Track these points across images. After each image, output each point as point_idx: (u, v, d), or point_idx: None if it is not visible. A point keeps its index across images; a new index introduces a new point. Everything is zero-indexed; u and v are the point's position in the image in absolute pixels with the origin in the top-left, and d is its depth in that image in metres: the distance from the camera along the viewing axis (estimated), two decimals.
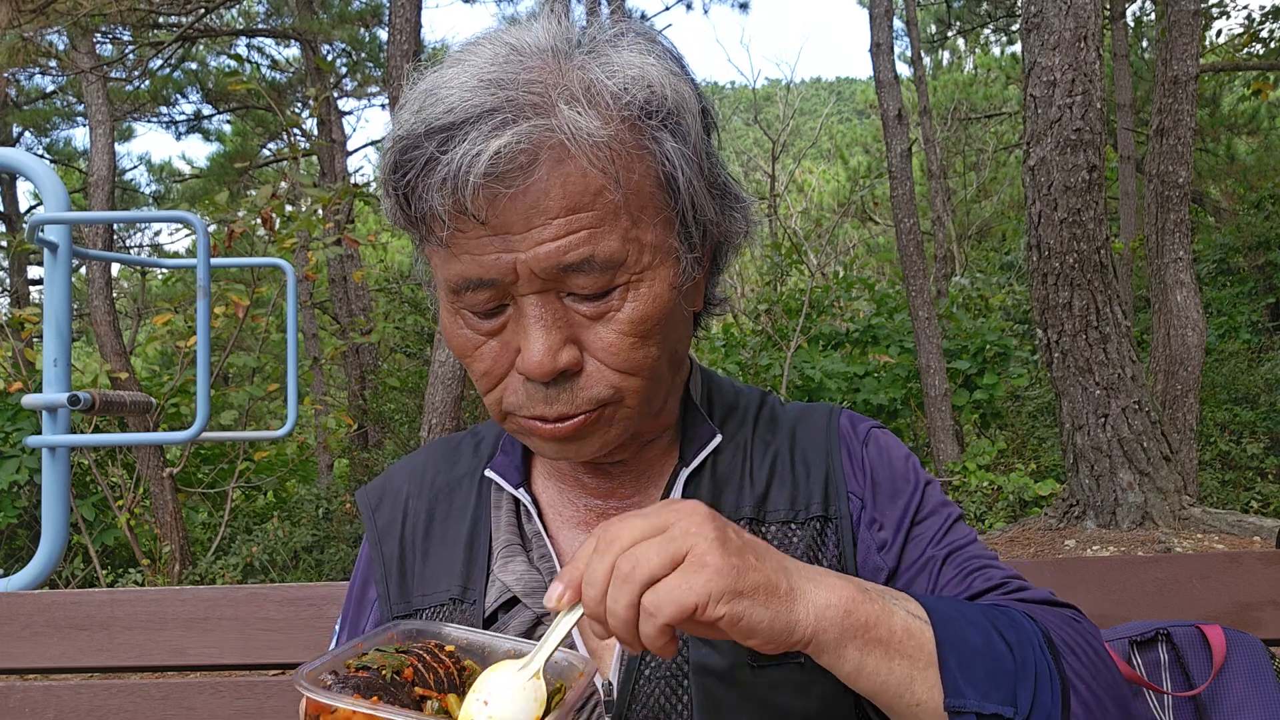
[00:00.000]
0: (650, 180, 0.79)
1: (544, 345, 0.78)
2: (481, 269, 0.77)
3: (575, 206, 0.74)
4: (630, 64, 0.78)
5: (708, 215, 0.84)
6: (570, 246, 0.75)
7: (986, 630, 0.73)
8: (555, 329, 0.78)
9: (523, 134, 0.73)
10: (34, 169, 2.78)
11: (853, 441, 0.96)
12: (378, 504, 1.03)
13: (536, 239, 0.75)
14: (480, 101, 0.74)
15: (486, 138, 0.72)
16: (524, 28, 0.81)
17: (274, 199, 5.81)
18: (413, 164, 0.76)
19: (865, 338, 10.26)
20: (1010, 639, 0.73)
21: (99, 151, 8.90)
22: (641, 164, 0.78)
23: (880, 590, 0.73)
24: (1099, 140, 5.02)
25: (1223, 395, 9.82)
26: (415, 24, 5.94)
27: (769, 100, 21.80)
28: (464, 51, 0.80)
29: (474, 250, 0.77)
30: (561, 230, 0.75)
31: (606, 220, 0.76)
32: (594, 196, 0.75)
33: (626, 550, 0.65)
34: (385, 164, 0.79)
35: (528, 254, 0.75)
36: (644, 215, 0.78)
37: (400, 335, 10.84)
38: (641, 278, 0.79)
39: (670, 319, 0.82)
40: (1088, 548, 4.95)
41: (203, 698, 1.45)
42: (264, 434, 4.36)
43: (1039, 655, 0.73)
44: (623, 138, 0.76)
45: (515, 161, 0.73)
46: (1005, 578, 0.88)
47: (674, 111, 0.79)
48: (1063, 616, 0.82)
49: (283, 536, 7.42)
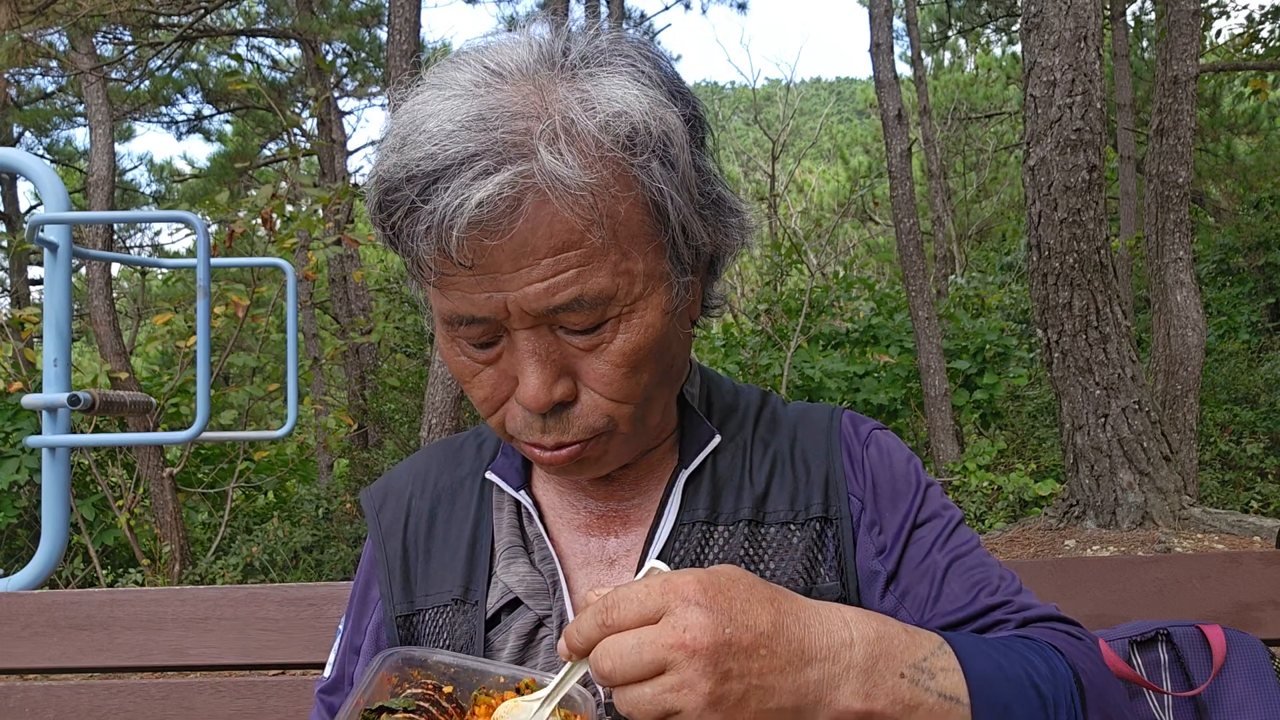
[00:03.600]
0: (639, 210, 0.77)
1: (538, 380, 0.78)
2: (473, 307, 0.76)
3: (562, 246, 0.73)
4: (614, 98, 0.75)
5: (699, 239, 0.83)
6: (558, 287, 0.74)
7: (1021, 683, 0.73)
8: (549, 363, 0.78)
9: (505, 182, 0.71)
10: (34, 169, 2.78)
11: (854, 443, 0.96)
12: (381, 504, 1.03)
13: (525, 279, 0.74)
14: (460, 148, 0.71)
15: (468, 186, 0.71)
16: (506, 46, 0.79)
17: (274, 199, 5.81)
18: (397, 205, 0.74)
19: (865, 338, 10.25)
20: (1046, 692, 0.74)
21: (99, 151, 8.89)
22: (628, 197, 0.76)
23: (924, 664, 0.70)
24: (1099, 140, 5.01)
25: (1223, 395, 9.82)
26: (415, 24, 5.94)
27: (769, 100, 21.79)
28: (444, 72, 0.78)
29: (465, 289, 0.76)
30: (549, 271, 0.73)
31: (594, 258, 0.74)
32: (580, 236, 0.73)
33: (611, 635, 0.64)
34: (370, 202, 0.78)
35: (517, 293, 0.74)
36: (633, 247, 0.77)
37: (400, 335, 10.84)
38: (633, 309, 0.78)
39: (664, 344, 0.82)
40: (1088, 548, 4.95)
41: (203, 698, 1.45)
42: (264, 434, 4.35)
43: (1071, 703, 0.74)
44: (605, 179, 0.74)
45: (498, 209, 0.71)
46: (1011, 593, 0.88)
47: (661, 141, 0.77)
48: (1083, 648, 0.83)
49: (283, 536, 7.42)
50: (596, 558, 0.93)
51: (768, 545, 0.90)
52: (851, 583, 0.90)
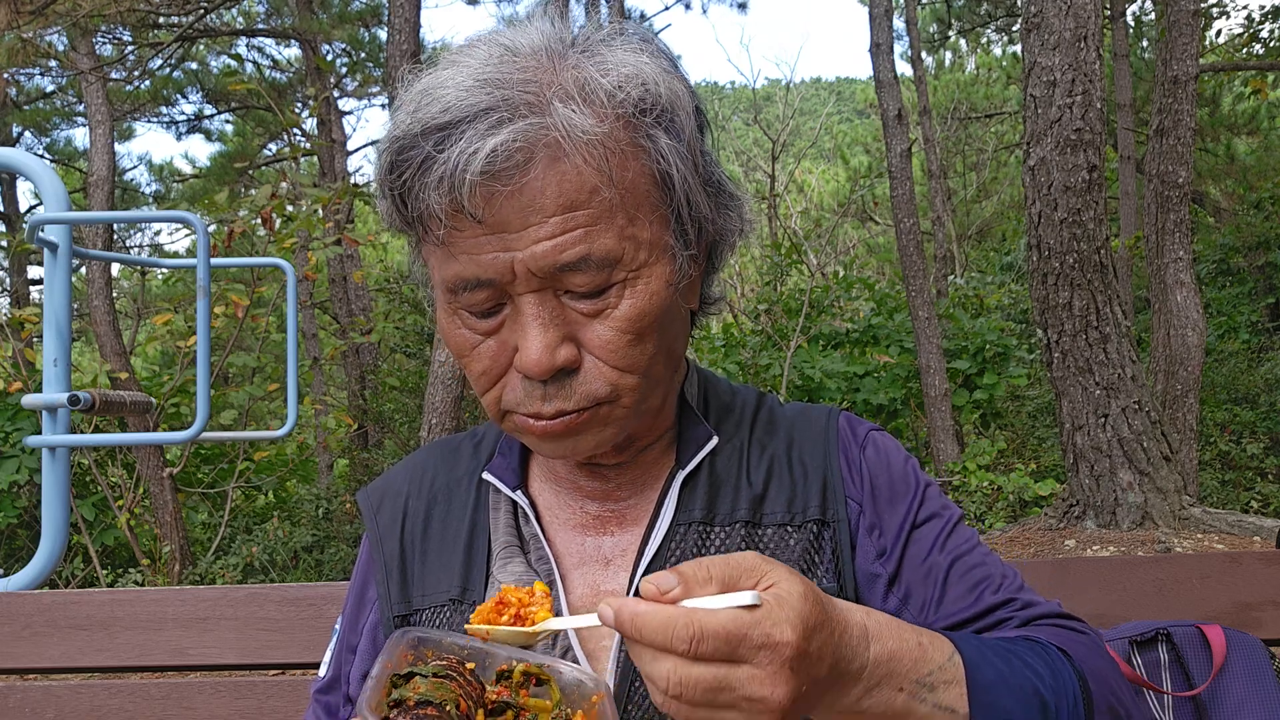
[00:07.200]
0: (645, 178, 0.79)
1: (542, 343, 0.78)
2: (479, 268, 0.77)
3: (571, 205, 0.75)
4: (624, 62, 0.79)
5: (703, 212, 0.84)
6: (566, 245, 0.75)
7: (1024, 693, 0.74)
8: (553, 327, 0.78)
9: (518, 132, 0.73)
10: (34, 169, 2.78)
11: (851, 445, 0.96)
12: (378, 505, 1.04)
13: (533, 237, 0.75)
14: (476, 101, 0.74)
15: (483, 136, 0.73)
16: (519, 29, 0.82)
17: (274, 199, 5.81)
18: (409, 164, 0.76)
19: (865, 338, 10.25)
20: (1049, 700, 0.74)
21: (99, 151, 8.89)
22: (636, 161, 0.78)
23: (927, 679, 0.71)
24: (1099, 140, 5.01)
25: (1223, 395, 9.82)
26: (415, 24, 5.94)
27: (769, 100, 21.78)
28: (459, 53, 0.80)
29: (471, 250, 0.77)
30: (557, 229, 0.75)
31: (602, 218, 0.76)
32: (589, 195, 0.75)
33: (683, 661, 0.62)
34: (381, 165, 0.80)
35: (524, 253, 0.75)
36: (640, 213, 0.79)
37: (400, 335, 10.84)
38: (638, 275, 0.79)
39: (667, 316, 0.82)
40: (1088, 548, 4.95)
41: (203, 698, 1.45)
42: (264, 434, 4.36)
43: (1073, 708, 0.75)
44: (617, 135, 0.77)
45: (511, 159, 0.73)
46: (1013, 590, 0.88)
47: (668, 109, 0.80)
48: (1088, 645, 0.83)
49: (283, 536, 7.42)
50: (592, 557, 0.93)
51: (765, 547, 0.90)
52: (849, 585, 0.90)
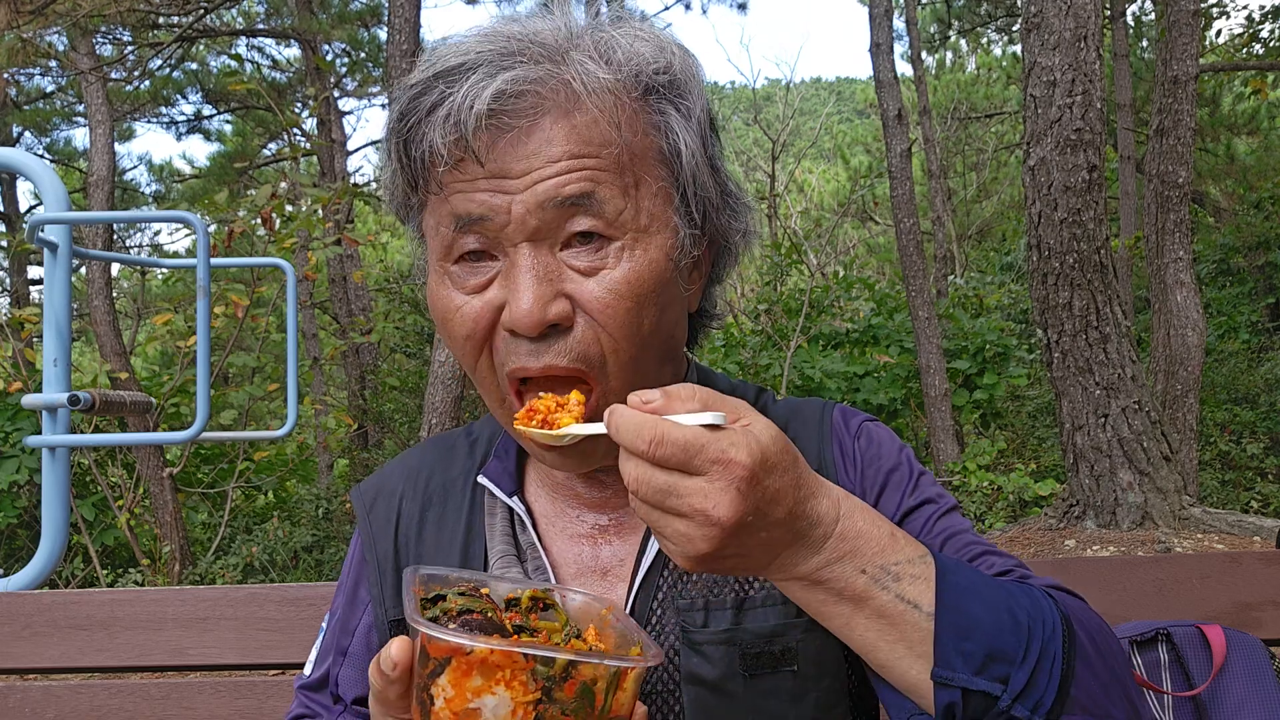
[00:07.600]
0: (653, 150, 0.81)
1: (534, 295, 0.77)
2: (474, 205, 0.78)
3: (579, 153, 0.76)
4: (642, 35, 0.82)
5: (708, 193, 0.85)
6: (570, 180, 0.76)
7: (996, 606, 0.70)
8: (546, 281, 0.78)
9: (531, 74, 0.75)
10: (34, 169, 2.78)
11: (844, 435, 0.96)
12: (372, 503, 1.03)
13: (535, 179, 0.76)
14: (495, 46, 0.77)
15: (496, 73, 0.75)
16: (530, 19, 0.83)
17: (274, 199, 5.81)
18: (419, 108, 0.78)
19: (865, 338, 10.25)
20: (1022, 619, 0.70)
21: (99, 151, 8.89)
22: (645, 130, 0.80)
23: (892, 568, 0.71)
24: (1099, 140, 5.01)
25: (1223, 395, 9.82)
26: (415, 24, 5.93)
27: (769, 100, 21.77)
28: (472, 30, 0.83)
29: (468, 190, 0.78)
30: (563, 169, 0.76)
31: (609, 169, 0.77)
32: (599, 147, 0.77)
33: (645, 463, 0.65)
34: (391, 116, 0.81)
35: (524, 194, 0.76)
36: (645, 179, 0.80)
37: (400, 335, 10.84)
38: (638, 240, 0.79)
39: (666, 294, 0.82)
40: (1088, 548, 4.95)
41: (203, 698, 1.45)
42: (264, 434, 4.36)
43: (1050, 637, 0.70)
44: (632, 94, 0.79)
45: (522, 100, 0.75)
46: (1008, 565, 0.87)
47: (681, 83, 0.82)
48: (1080, 606, 0.80)
49: (283, 536, 7.42)
50: (590, 567, 0.93)
51: None
52: None
